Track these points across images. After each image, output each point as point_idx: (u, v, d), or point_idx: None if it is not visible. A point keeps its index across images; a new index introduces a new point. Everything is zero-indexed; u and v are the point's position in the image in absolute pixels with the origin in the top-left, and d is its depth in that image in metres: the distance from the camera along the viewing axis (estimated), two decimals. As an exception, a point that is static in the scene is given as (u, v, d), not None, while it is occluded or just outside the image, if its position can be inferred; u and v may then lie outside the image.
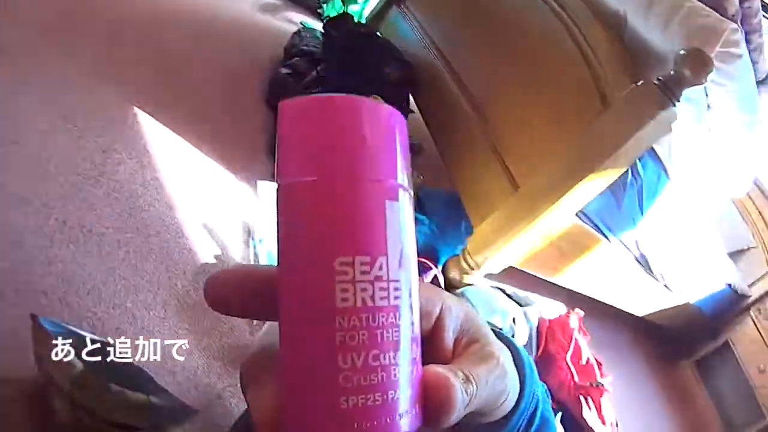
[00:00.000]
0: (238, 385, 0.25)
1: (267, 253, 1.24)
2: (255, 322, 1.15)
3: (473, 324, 0.28)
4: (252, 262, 1.23)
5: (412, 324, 0.22)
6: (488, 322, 0.32)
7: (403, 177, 0.22)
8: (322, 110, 0.21)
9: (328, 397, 0.20)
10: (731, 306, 2.51)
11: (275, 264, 0.22)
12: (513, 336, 1.29)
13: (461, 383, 0.24)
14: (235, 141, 1.48)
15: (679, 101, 1.09)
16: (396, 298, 0.21)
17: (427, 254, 1.29)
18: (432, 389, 0.23)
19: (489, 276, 1.50)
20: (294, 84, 1.55)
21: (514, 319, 1.28)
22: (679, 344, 2.55)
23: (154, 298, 1.04)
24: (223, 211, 1.29)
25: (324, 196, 0.20)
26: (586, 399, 1.47)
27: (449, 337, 0.27)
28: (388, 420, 0.21)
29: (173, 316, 1.04)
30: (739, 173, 2.00)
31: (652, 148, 1.44)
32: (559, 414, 1.44)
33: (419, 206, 1.45)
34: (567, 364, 1.44)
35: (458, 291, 1.30)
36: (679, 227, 1.75)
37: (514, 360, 0.31)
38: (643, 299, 1.93)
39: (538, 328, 1.44)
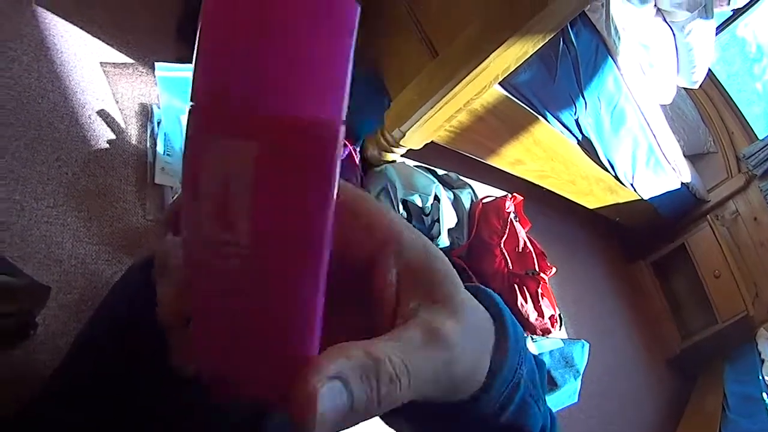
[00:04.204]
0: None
1: (164, 134, 1.14)
2: (148, 205, 1.08)
3: (433, 275, 0.20)
4: (149, 145, 1.14)
5: None
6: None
7: None
8: None
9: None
10: (689, 210, 2.48)
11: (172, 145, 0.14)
12: (438, 218, 1.21)
13: (348, 387, 0.16)
14: (139, 28, 1.36)
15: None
16: None
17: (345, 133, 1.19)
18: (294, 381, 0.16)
19: (423, 161, 1.41)
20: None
21: (437, 198, 1.19)
22: (636, 244, 2.53)
23: (44, 188, 1.00)
24: (122, 97, 1.22)
25: None
26: (521, 288, 1.40)
27: (390, 283, 0.20)
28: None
29: (62, 204, 1.00)
30: (692, 60, 1.91)
31: (586, 16, 1.33)
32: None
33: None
34: (501, 250, 1.36)
35: (377, 169, 1.21)
36: (629, 116, 1.65)
37: (496, 330, 0.23)
38: (592, 190, 1.87)
39: (470, 212, 1.35)
